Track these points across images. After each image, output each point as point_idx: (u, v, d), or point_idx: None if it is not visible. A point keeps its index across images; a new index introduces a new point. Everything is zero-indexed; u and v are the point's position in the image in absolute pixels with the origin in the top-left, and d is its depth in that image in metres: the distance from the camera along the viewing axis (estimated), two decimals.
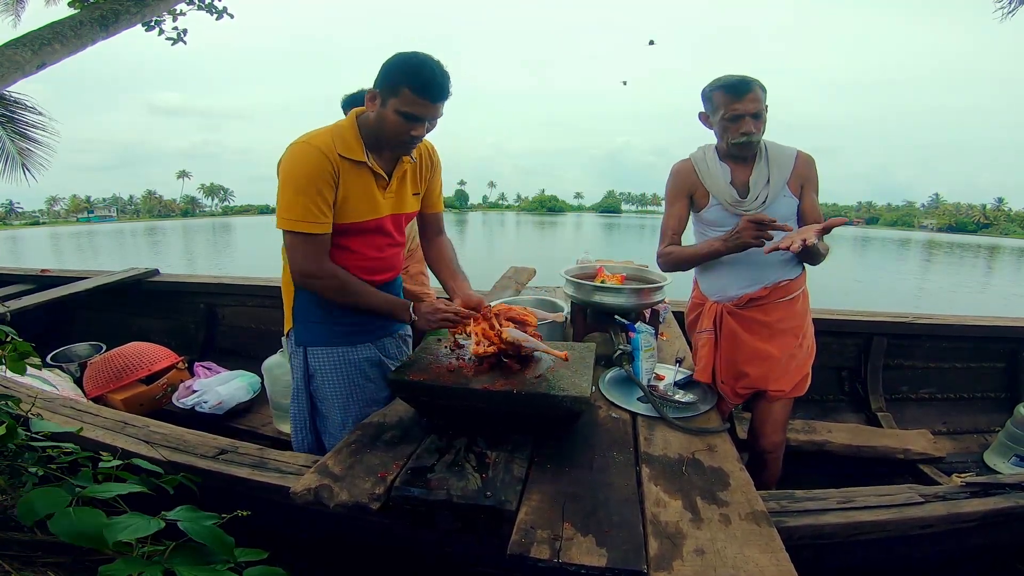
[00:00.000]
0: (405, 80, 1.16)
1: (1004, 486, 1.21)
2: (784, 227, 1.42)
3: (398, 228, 1.43)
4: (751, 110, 1.47)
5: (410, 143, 1.26)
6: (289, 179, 1.21)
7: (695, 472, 1.08)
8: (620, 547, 0.83)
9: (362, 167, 1.27)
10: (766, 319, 1.66)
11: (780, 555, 0.82)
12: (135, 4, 4.38)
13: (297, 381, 1.42)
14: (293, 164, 1.21)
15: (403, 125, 1.20)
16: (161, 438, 1.33)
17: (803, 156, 1.59)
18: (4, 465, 0.96)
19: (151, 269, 3.60)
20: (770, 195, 1.56)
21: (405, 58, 1.18)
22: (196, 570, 0.73)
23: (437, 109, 1.22)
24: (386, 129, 1.22)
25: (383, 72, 1.19)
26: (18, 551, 0.98)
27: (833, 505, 1.09)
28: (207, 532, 0.76)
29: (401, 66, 1.17)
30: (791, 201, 1.58)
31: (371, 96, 1.22)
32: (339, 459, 1.10)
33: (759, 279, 1.64)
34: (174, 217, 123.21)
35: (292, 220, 1.22)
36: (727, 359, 1.69)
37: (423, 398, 1.19)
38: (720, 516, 0.93)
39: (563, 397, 1.09)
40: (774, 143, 1.60)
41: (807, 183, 1.59)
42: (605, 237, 44.39)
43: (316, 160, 1.20)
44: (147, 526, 0.74)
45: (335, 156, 1.22)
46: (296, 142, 1.24)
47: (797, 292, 1.67)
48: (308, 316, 1.38)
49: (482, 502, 0.94)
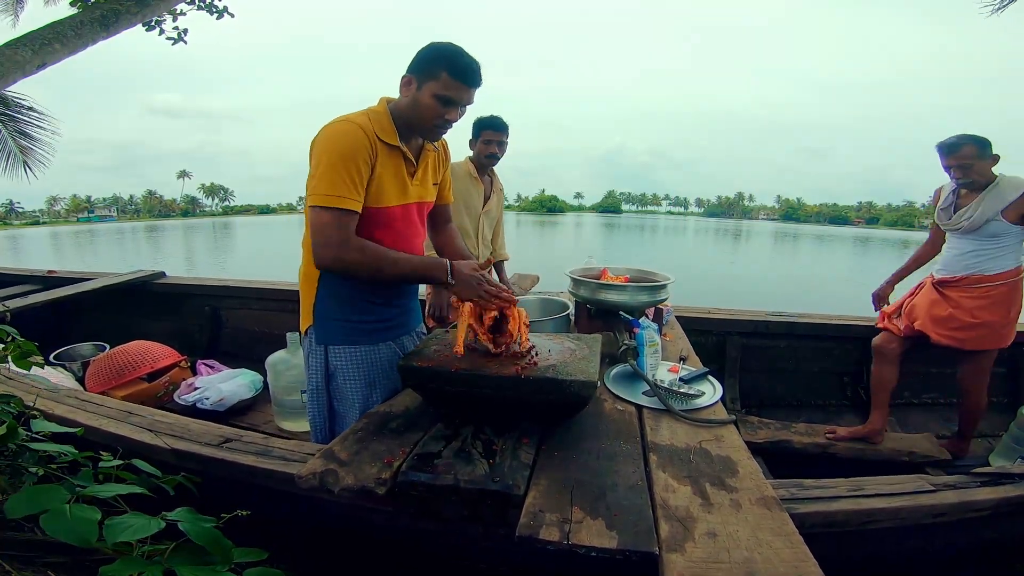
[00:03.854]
0: (444, 65, 1.20)
1: (1014, 476, 1.20)
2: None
3: (421, 217, 1.44)
4: (956, 163, 2.09)
5: (442, 127, 1.28)
6: (329, 154, 1.19)
7: (703, 460, 1.07)
8: (630, 530, 0.82)
9: (395, 151, 1.29)
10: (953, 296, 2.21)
11: (794, 538, 0.81)
12: (136, 4, 4.38)
13: (316, 381, 1.38)
14: (333, 139, 1.20)
15: (439, 109, 1.23)
16: (165, 427, 1.33)
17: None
18: (4, 465, 0.95)
19: (157, 272, 3.60)
20: (971, 223, 2.11)
21: (443, 45, 1.22)
22: (196, 570, 0.72)
23: (471, 94, 1.26)
24: (421, 113, 1.24)
25: (420, 58, 1.22)
26: (18, 551, 0.97)
27: (843, 492, 1.08)
28: (206, 534, 0.75)
29: (440, 52, 1.21)
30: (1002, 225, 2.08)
31: (406, 81, 1.25)
32: (345, 445, 1.09)
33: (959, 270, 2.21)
34: (174, 217, 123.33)
35: (327, 196, 1.18)
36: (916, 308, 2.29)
37: (431, 385, 1.18)
38: (731, 501, 0.92)
39: (571, 382, 1.09)
40: (1008, 178, 2.07)
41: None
42: (606, 238, 44.35)
43: (357, 136, 1.20)
44: (147, 526, 0.73)
45: (373, 136, 1.23)
46: (335, 120, 1.24)
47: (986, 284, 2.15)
48: (329, 313, 1.35)
49: (489, 487, 0.93)
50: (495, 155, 2.43)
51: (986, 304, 2.16)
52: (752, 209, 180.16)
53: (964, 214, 2.15)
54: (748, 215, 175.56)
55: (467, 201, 2.46)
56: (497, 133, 2.39)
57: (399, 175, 1.31)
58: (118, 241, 38.49)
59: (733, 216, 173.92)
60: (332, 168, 1.18)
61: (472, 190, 2.47)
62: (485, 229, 2.57)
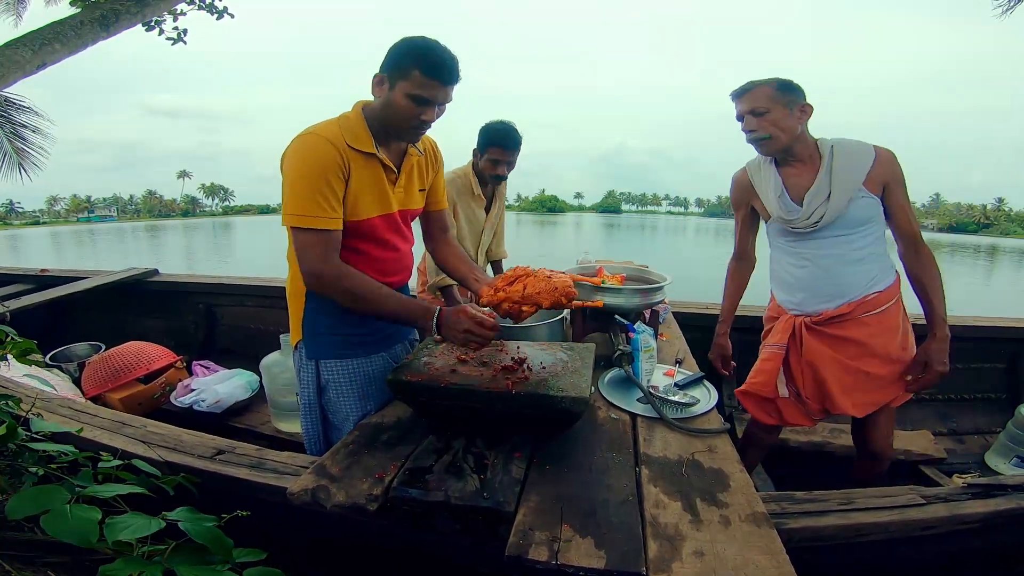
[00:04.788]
0: (415, 62, 1.12)
1: (1006, 487, 1.20)
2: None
3: (407, 225, 1.39)
4: (747, 108, 1.49)
5: (419, 128, 1.21)
6: (296, 171, 1.14)
7: (695, 473, 1.07)
8: (619, 549, 0.83)
9: (372, 159, 1.22)
10: (853, 336, 1.55)
11: (780, 557, 0.81)
12: (136, 4, 4.38)
13: (309, 395, 1.36)
14: (301, 155, 1.14)
15: (413, 109, 1.15)
16: (158, 438, 1.33)
17: (883, 153, 1.48)
18: (4, 465, 0.95)
19: (151, 269, 3.60)
20: (832, 207, 1.47)
21: (414, 41, 1.14)
22: (196, 570, 0.72)
23: (447, 92, 1.18)
24: (395, 115, 1.17)
25: (391, 55, 1.14)
26: (18, 551, 0.98)
27: (834, 507, 1.08)
28: (207, 533, 0.75)
29: (411, 48, 1.13)
30: (870, 202, 1.48)
31: (378, 81, 1.18)
32: (336, 460, 1.09)
33: (840, 293, 1.54)
34: (174, 217, 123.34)
35: (301, 216, 1.14)
36: (812, 377, 1.61)
37: (421, 398, 1.19)
38: (720, 517, 0.92)
39: (562, 398, 1.09)
40: (847, 141, 1.52)
41: (892, 181, 1.49)
42: (605, 236, 44.35)
43: (325, 151, 1.13)
44: (147, 526, 0.73)
45: (344, 147, 1.16)
46: (302, 134, 1.17)
47: (888, 304, 1.55)
48: (319, 328, 1.32)
49: (480, 503, 0.93)
50: (502, 176, 2.18)
51: (884, 335, 1.55)
52: None
53: (814, 199, 1.49)
54: None
55: (469, 217, 2.29)
56: (506, 153, 2.11)
57: (378, 185, 1.25)
58: (118, 241, 38.50)
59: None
60: (303, 185, 1.13)
61: (474, 206, 2.27)
62: (485, 239, 2.42)
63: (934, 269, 1.52)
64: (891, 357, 1.55)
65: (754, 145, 1.54)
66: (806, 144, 1.53)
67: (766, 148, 1.53)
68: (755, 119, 1.49)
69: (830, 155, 1.50)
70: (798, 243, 1.59)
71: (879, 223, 1.53)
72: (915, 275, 1.54)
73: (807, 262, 1.58)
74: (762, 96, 1.47)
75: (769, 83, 1.48)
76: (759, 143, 1.52)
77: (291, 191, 1.14)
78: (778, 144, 1.50)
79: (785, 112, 1.47)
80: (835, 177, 1.48)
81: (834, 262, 1.52)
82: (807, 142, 1.53)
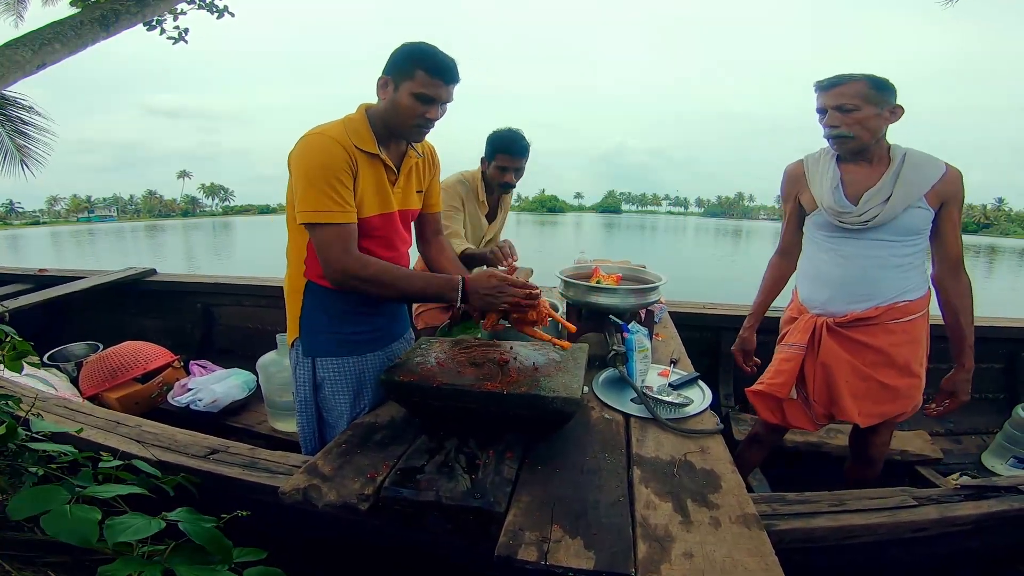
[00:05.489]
0: (419, 63, 1.18)
1: (999, 489, 1.20)
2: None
3: (406, 225, 1.42)
4: (834, 103, 1.41)
5: (423, 126, 1.25)
6: (308, 170, 1.17)
7: (687, 474, 1.07)
8: (608, 550, 0.83)
9: (375, 159, 1.27)
10: (874, 343, 1.51)
11: (770, 559, 0.81)
12: (136, 4, 4.39)
13: (304, 393, 1.37)
14: (309, 155, 1.18)
15: (418, 108, 1.21)
16: (153, 438, 1.33)
17: (952, 171, 1.43)
18: (4, 465, 0.96)
19: (148, 269, 3.61)
20: (888, 209, 1.42)
21: (416, 44, 1.21)
22: (196, 570, 0.72)
23: (450, 91, 1.24)
24: (400, 114, 1.22)
25: (395, 58, 1.21)
26: (18, 551, 0.98)
27: (824, 508, 1.08)
28: (206, 534, 0.75)
29: (414, 50, 1.20)
30: (926, 213, 1.44)
31: (383, 83, 1.23)
32: (329, 459, 1.09)
33: (872, 295, 1.49)
34: (174, 217, 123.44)
35: (318, 212, 1.17)
36: (823, 380, 1.57)
37: (414, 398, 1.19)
38: (710, 519, 0.92)
39: (553, 398, 1.09)
40: (920, 152, 1.46)
41: (952, 199, 1.44)
42: (605, 236, 44.37)
43: (333, 149, 1.18)
44: (147, 526, 0.74)
45: (351, 147, 1.21)
46: (308, 134, 1.21)
47: (917, 314, 1.51)
48: (316, 326, 1.34)
49: (471, 503, 0.93)
50: (510, 184, 2.14)
51: (908, 345, 1.52)
52: (752, 209, 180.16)
53: (872, 198, 1.44)
54: (748, 215, 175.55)
55: (472, 219, 2.21)
56: (514, 160, 2.07)
57: (379, 184, 1.29)
58: (118, 241, 38.53)
59: (733, 216, 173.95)
60: (313, 183, 1.17)
61: (478, 210, 2.22)
62: (485, 245, 2.36)
63: (970, 299, 1.49)
64: (909, 370, 1.52)
65: (830, 141, 1.47)
66: (880, 147, 1.47)
67: (845, 147, 1.46)
68: (840, 115, 1.41)
69: (901, 161, 1.45)
70: (839, 240, 1.53)
71: (926, 236, 1.49)
72: (949, 301, 1.51)
73: (845, 260, 1.52)
74: (853, 92, 1.39)
75: (862, 79, 1.40)
76: (839, 140, 1.45)
77: (305, 189, 1.17)
78: (859, 144, 1.43)
79: (874, 111, 1.40)
80: (900, 181, 1.43)
81: (873, 264, 1.48)
82: (883, 145, 1.48)
